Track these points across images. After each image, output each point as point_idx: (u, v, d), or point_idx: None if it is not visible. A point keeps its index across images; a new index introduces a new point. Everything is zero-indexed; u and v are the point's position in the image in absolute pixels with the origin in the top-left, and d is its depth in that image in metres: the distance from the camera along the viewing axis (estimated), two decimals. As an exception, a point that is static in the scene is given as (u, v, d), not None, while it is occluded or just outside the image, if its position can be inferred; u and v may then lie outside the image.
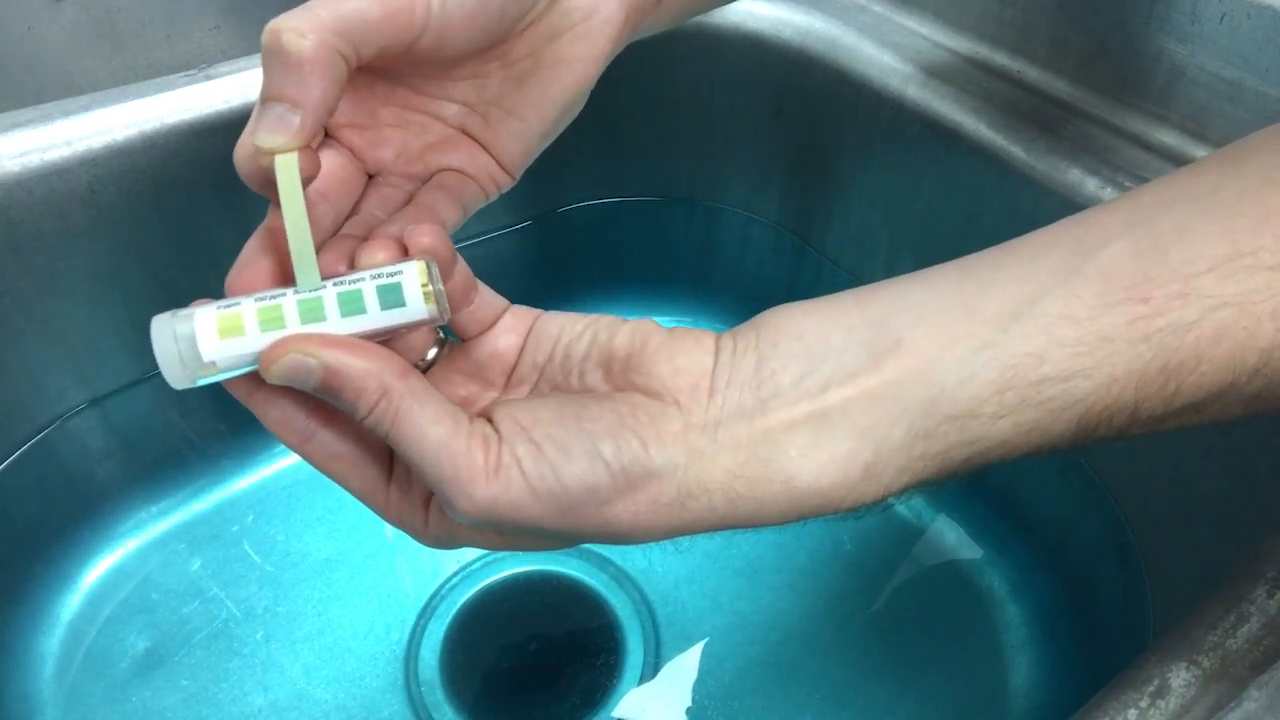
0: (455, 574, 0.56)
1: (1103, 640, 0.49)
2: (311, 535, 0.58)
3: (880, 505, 0.25)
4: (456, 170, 0.31)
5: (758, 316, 0.26)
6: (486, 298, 0.28)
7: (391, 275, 0.25)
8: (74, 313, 0.49)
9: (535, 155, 0.32)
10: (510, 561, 0.57)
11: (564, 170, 0.63)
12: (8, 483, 0.51)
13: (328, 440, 0.26)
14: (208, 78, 0.49)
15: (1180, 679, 0.27)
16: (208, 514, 0.59)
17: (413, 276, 0.25)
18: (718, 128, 0.62)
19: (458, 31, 0.27)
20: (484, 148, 0.31)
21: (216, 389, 0.26)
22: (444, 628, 0.54)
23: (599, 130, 0.61)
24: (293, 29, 0.24)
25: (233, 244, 0.27)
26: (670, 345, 0.26)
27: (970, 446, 0.24)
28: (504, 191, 0.32)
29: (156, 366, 0.24)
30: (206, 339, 0.24)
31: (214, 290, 0.26)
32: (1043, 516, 0.54)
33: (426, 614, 0.55)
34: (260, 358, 0.24)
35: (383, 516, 0.27)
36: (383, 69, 0.29)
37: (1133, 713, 0.27)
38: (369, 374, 0.23)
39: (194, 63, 0.51)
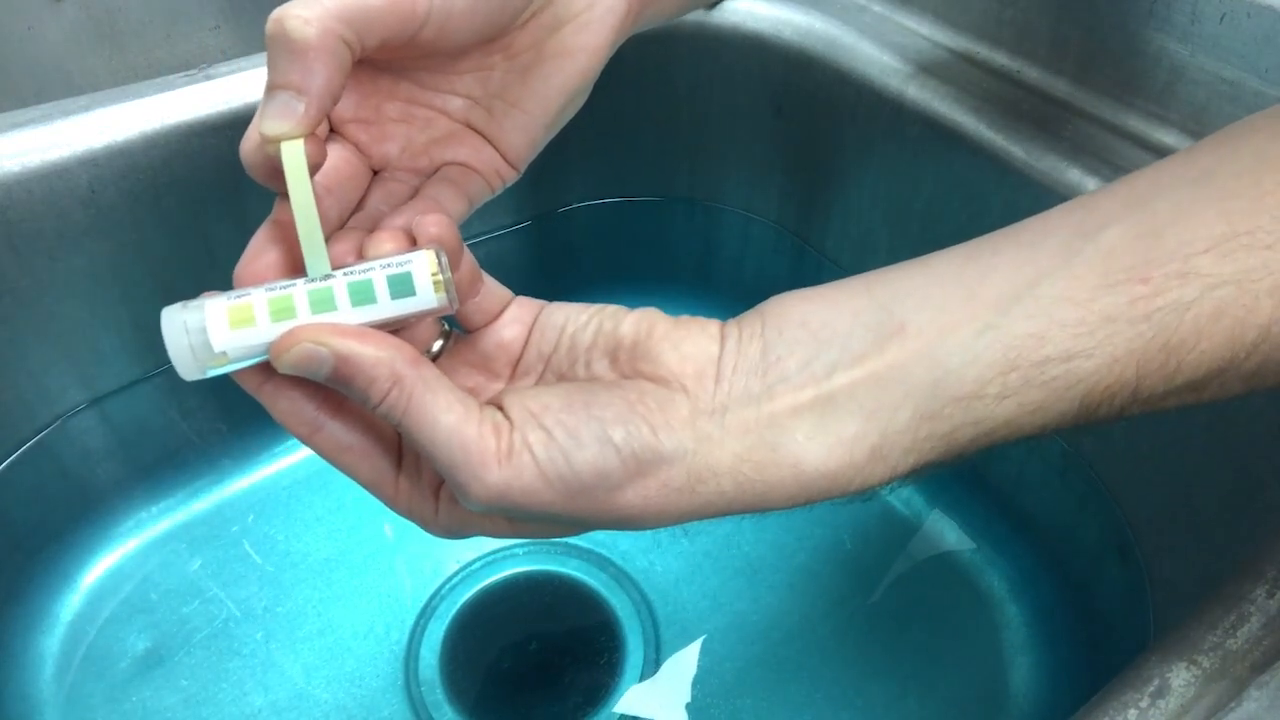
0: (455, 574, 0.56)
1: (1103, 640, 0.49)
2: (311, 535, 0.58)
3: (888, 487, 0.25)
4: (461, 164, 0.31)
5: (762, 304, 0.26)
6: (492, 289, 0.28)
7: (401, 265, 0.25)
8: (74, 313, 0.49)
9: (539, 148, 0.32)
10: (510, 561, 0.57)
11: (564, 170, 0.63)
12: (8, 482, 0.51)
13: (337, 431, 0.26)
14: (208, 78, 0.49)
15: (1180, 679, 0.27)
16: (207, 514, 0.59)
17: (423, 266, 0.25)
18: (718, 127, 0.62)
19: (460, 22, 0.27)
20: (489, 141, 0.31)
21: (218, 387, 0.26)
22: (444, 628, 0.54)
23: (599, 130, 0.61)
24: (297, 16, 0.24)
25: (233, 244, 0.27)
26: (676, 332, 0.26)
27: (975, 427, 0.24)
28: (508, 185, 0.32)
29: (157, 366, 0.24)
30: (217, 329, 0.24)
31: (214, 290, 0.26)
32: (1043, 516, 0.54)
33: (426, 614, 0.55)
34: (271, 348, 0.24)
35: (392, 507, 0.27)
36: (387, 63, 0.30)
37: (1133, 713, 0.27)
38: (381, 362, 0.24)
39: (194, 63, 0.51)
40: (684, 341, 0.25)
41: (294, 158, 0.24)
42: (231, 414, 0.58)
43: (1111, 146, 0.45)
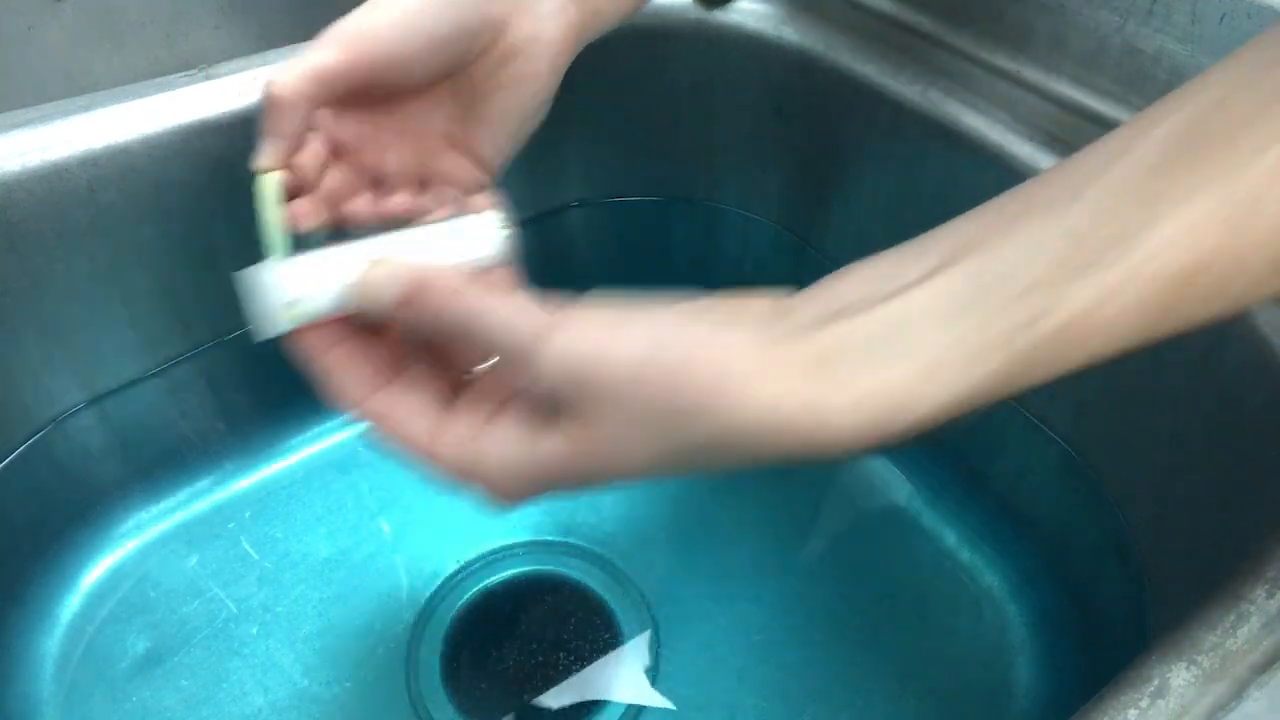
0: (455, 574, 0.56)
1: (1103, 640, 0.49)
2: (311, 535, 0.58)
3: (946, 418, 0.24)
4: (446, 174, 0.37)
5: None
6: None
7: (467, 217, 0.31)
8: (74, 313, 0.49)
9: (509, 156, 0.38)
10: (510, 561, 0.57)
11: (564, 170, 0.63)
12: (7, 482, 0.51)
13: (393, 392, 0.29)
14: (208, 78, 0.49)
15: (1180, 679, 0.27)
16: (207, 514, 0.59)
17: (490, 218, 0.32)
18: (718, 128, 0.62)
19: (418, 67, 0.33)
20: (466, 154, 0.37)
21: (217, 387, 0.26)
22: (444, 628, 0.54)
23: (599, 130, 0.61)
24: (274, 80, 0.31)
25: (232, 244, 0.27)
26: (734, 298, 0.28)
27: (1035, 347, 0.23)
28: (486, 191, 0.38)
29: (156, 365, 0.25)
30: (293, 283, 0.28)
31: (214, 291, 0.26)
32: (1043, 516, 0.54)
33: (426, 614, 0.55)
34: (348, 287, 0.28)
35: (439, 461, 0.28)
36: (373, 98, 0.35)
37: (1133, 713, 0.27)
38: (441, 277, 0.27)
39: (194, 63, 0.51)
40: (744, 296, 0.27)
41: (268, 186, 0.31)
42: (231, 414, 0.58)
43: (1111, 146, 0.45)
